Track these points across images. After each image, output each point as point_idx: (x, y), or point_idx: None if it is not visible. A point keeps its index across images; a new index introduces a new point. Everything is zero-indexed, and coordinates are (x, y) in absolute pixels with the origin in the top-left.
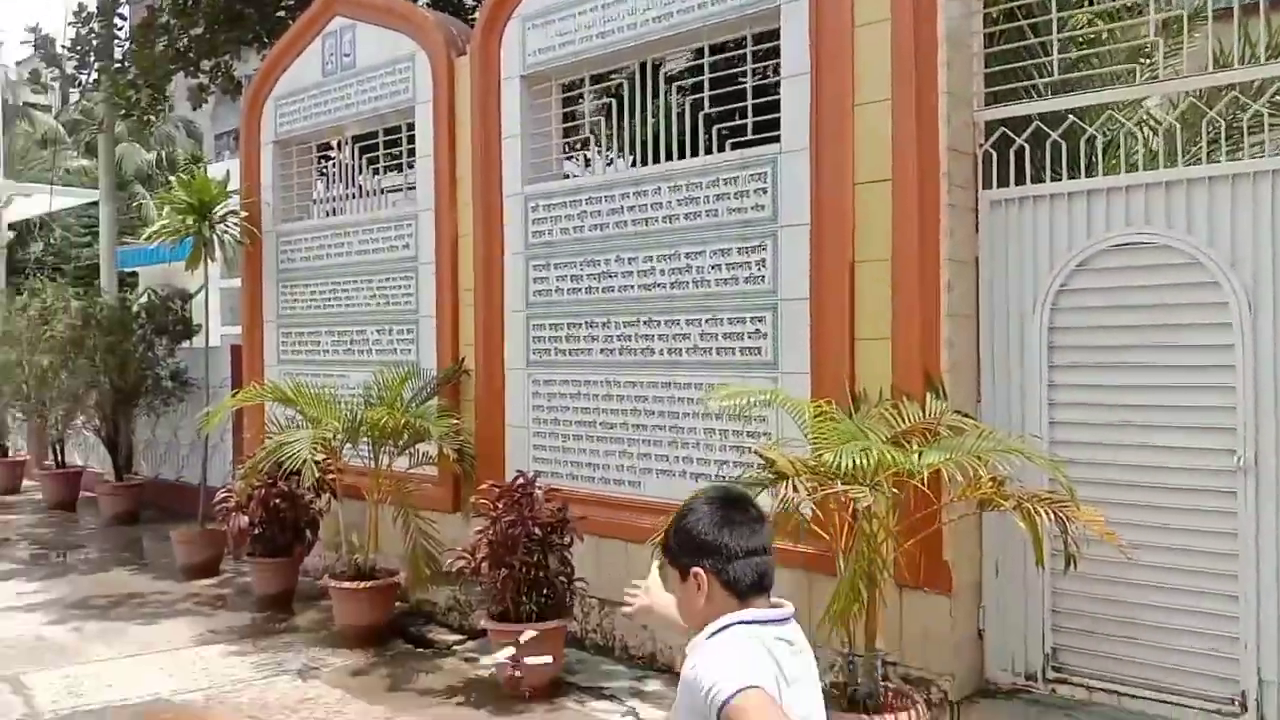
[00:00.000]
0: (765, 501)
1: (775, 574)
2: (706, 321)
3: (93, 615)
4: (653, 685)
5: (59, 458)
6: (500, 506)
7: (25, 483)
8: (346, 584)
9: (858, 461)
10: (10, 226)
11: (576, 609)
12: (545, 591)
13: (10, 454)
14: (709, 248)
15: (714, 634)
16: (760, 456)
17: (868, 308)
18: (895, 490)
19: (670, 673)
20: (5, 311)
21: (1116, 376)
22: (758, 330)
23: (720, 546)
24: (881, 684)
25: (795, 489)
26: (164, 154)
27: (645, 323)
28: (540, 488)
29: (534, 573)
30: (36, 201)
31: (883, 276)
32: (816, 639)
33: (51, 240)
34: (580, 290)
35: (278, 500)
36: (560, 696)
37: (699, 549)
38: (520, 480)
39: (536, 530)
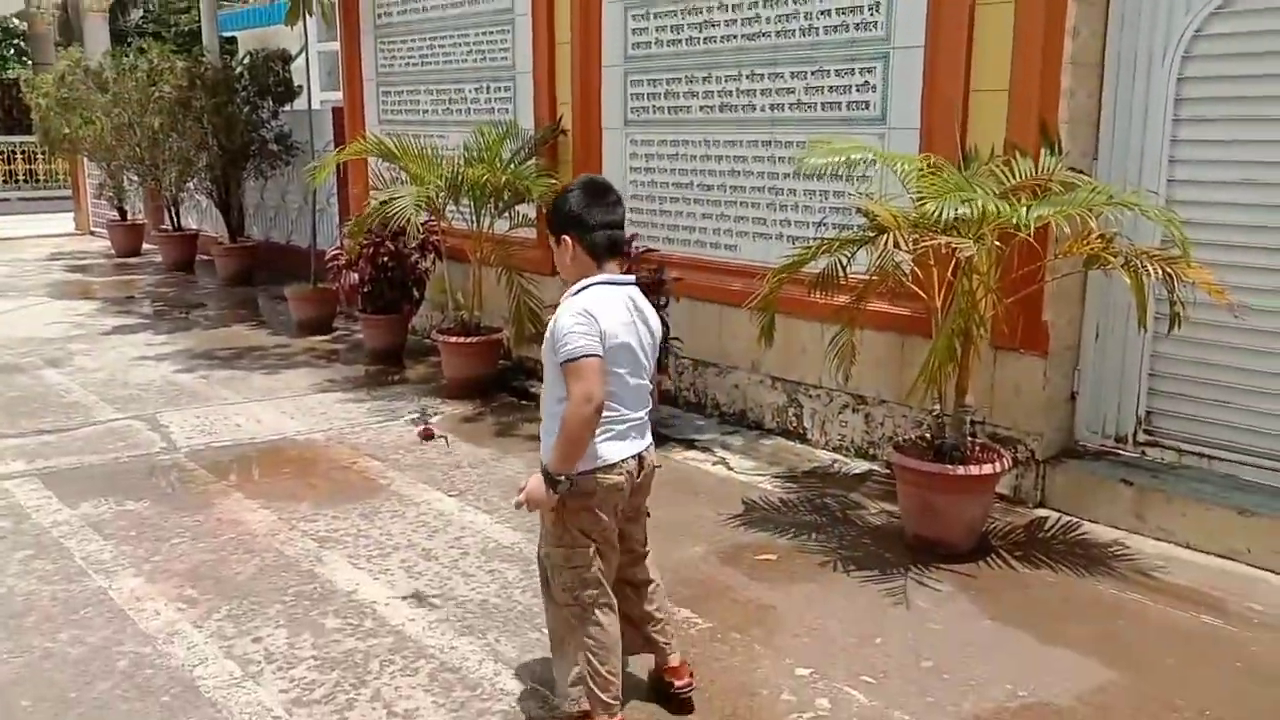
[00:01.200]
0: (863, 258)
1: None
2: (812, 74)
3: (217, 365)
4: (742, 440)
5: (174, 221)
6: None
7: (145, 245)
8: (454, 339)
9: (962, 212)
10: None
11: (671, 367)
12: None
13: (129, 217)
14: None
15: (579, 291)
16: (861, 211)
17: (987, 56)
18: (999, 245)
19: (759, 429)
20: (114, 74)
21: (1246, 131)
22: (866, 82)
23: (583, 219)
24: (969, 439)
25: (896, 243)
26: None
27: (747, 76)
28: (637, 249)
29: None
30: None
31: (1005, 20)
32: (907, 400)
33: (150, 6)
34: (680, 41)
35: (385, 259)
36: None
37: (568, 221)
38: None
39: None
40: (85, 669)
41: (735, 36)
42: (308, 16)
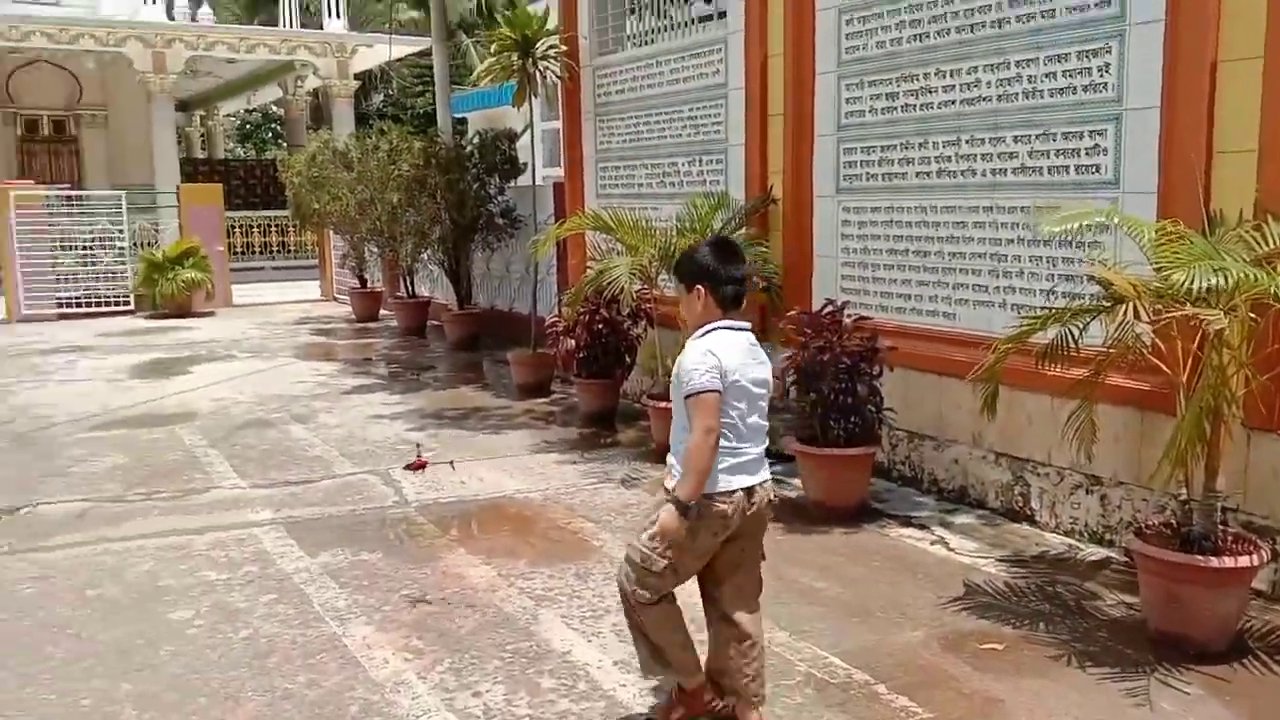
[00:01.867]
0: (1096, 329)
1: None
2: (1037, 138)
3: (445, 424)
4: (962, 518)
5: (409, 289)
6: (809, 333)
7: (382, 311)
8: (662, 404)
9: (1213, 282)
10: (355, 76)
11: (884, 439)
12: (853, 419)
13: (369, 285)
14: (1043, 54)
15: (705, 334)
16: (1096, 279)
17: (1230, 115)
18: (1253, 316)
19: (981, 507)
20: (358, 154)
21: None
22: (1096, 145)
23: (716, 273)
24: (1220, 528)
25: (1136, 313)
26: (483, 1)
27: (966, 141)
28: (849, 316)
29: (842, 399)
30: (377, 52)
31: (1251, 77)
32: (1149, 482)
33: (390, 91)
34: (895, 109)
35: (600, 325)
36: (865, 521)
37: (701, 273)
38: (829, 308)
39: (845, 359)
40: (320, 711)
41: (954, 102)
42: (533, 99)
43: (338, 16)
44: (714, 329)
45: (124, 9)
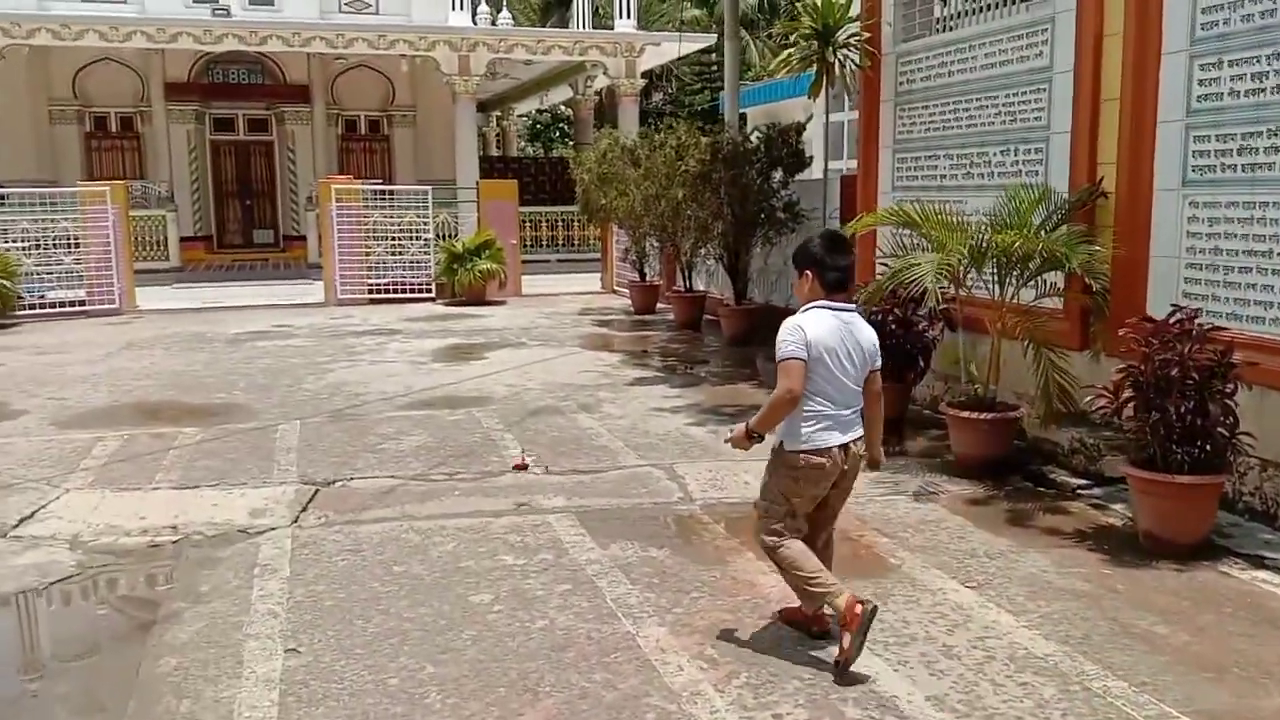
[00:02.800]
0: None
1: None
2: None
3: (724, 420)
4: None
5: (687, 283)
6: (1154, 344)
7: (659, 304)
8: (965, 413)
9: None
10: (642, 75)
11: (1232, 466)
12: (1200, 443)
13: (647, 278)
14: None
15: (807, 310)
16: None
17: None
18: None
19: None
20: (646, 151)
21: None
22: None
23: (824, 261)
24: None
25: None
26: None
27: None
28: (1200, 325)
29: (1190, 420)
30: (664, 50)
31: None
32: None
33: (669, 90)
34: (1265, 91)
35: (892, 325)
36: (1206, 559)
37: (812, 260)
38: (1178, 316)
39: (1194, 374)
40: (616, 716)
41: None
42: (828, 90)
43: (628, 16)
44: (812, 307)
45: (434, 16)
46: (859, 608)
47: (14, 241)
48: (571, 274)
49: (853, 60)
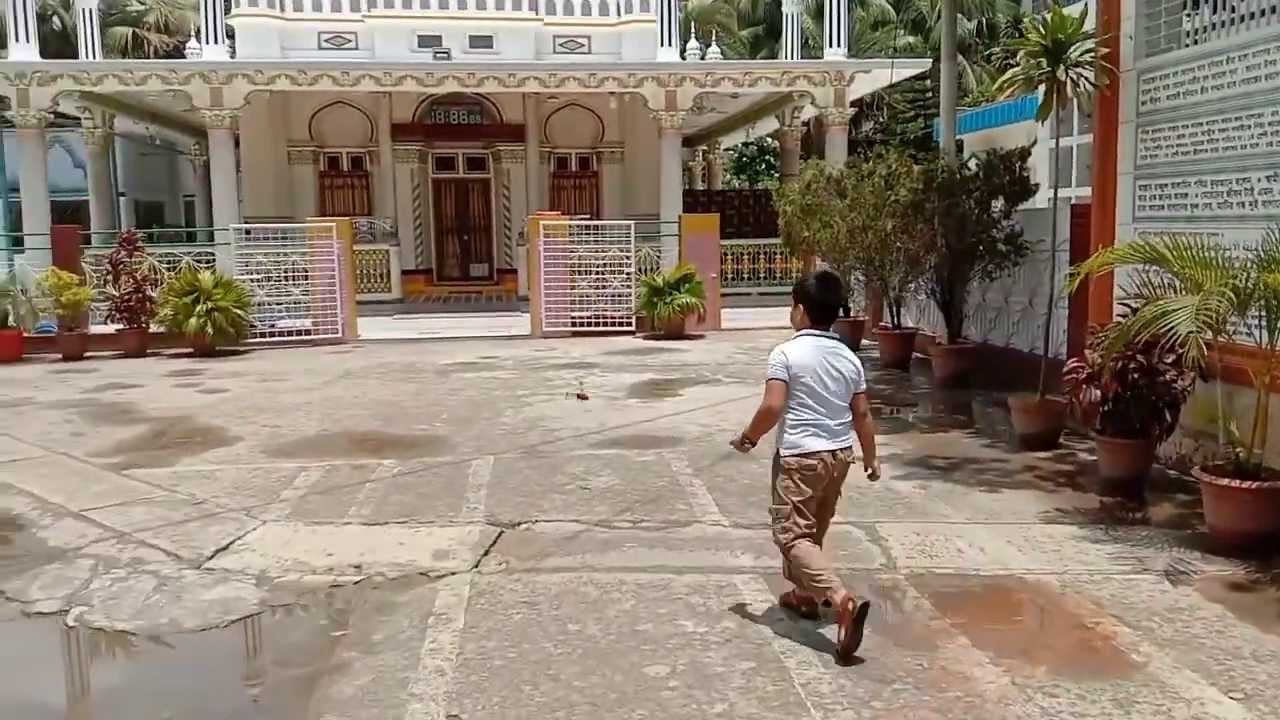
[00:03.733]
0: None
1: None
2: None
3: (934, 475)
4: None
5: (895, 319)
6: None
7: (864, 340)
8: (1225, 480)
9: None
10: (850, 104)
11: None
12: None
13: (852, 313)
14: None
15: (796, 338)
16: None
17: None
18: None
19: None
20: (853, 180)
21: None
22: None
23: (812, 296)
24: None
25: None
26: (983, 21)
27: None
28: None
29: None
30: (875, 77)
31: None
32: None
33: (880, 119)
34: None
35: (1135, 374)
36: None
37: (805, 296)
38: None
39: None
40: None
41: None
42: (1059, 110)
43: (838, 45)
44: (799, 336)
45: (644, 53)
46: (850, 604)
47: (250, 273)
48: (772, 307)
49: (1087, 79)
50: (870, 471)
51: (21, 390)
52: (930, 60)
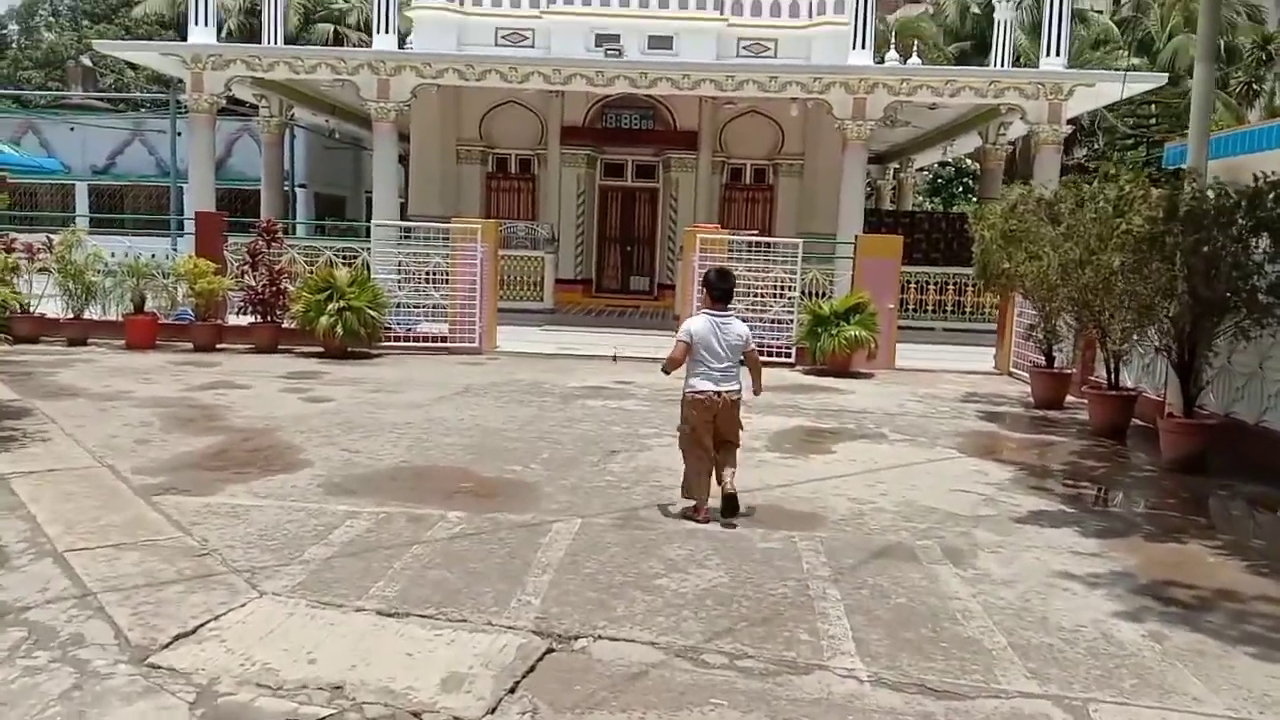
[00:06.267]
0: None
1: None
2: None
3: (1173, 617)
4: None
5: (1112, 377)
6: None
7: (1069, 398)
8: None
9: None
10: (1069, 121)
11: None
12: None
13: (1055, 365)
14: None
15: (698, 313)
16: None
17: None
18: None
19: None
20: (1071, 204)
21: None
22: None
23: (713, 285)
24: None
25: None
26: (1223, 44)
27: None
28: None
29: None
30: (1097, 92)
31: None
32: None
33: (1095, 145)
34: None
35: None
36: None
37: (707, 283)
38: None
39: None
40: None
41: None
42: None
43: (1057, 54)
44: (699, 313)
45: (834, 58)
46: (705, 514)
47: (394, 273)
48: (957, 346)
49: None
50: (756, 391)
51: (128, 382)
52: (1165, 77)
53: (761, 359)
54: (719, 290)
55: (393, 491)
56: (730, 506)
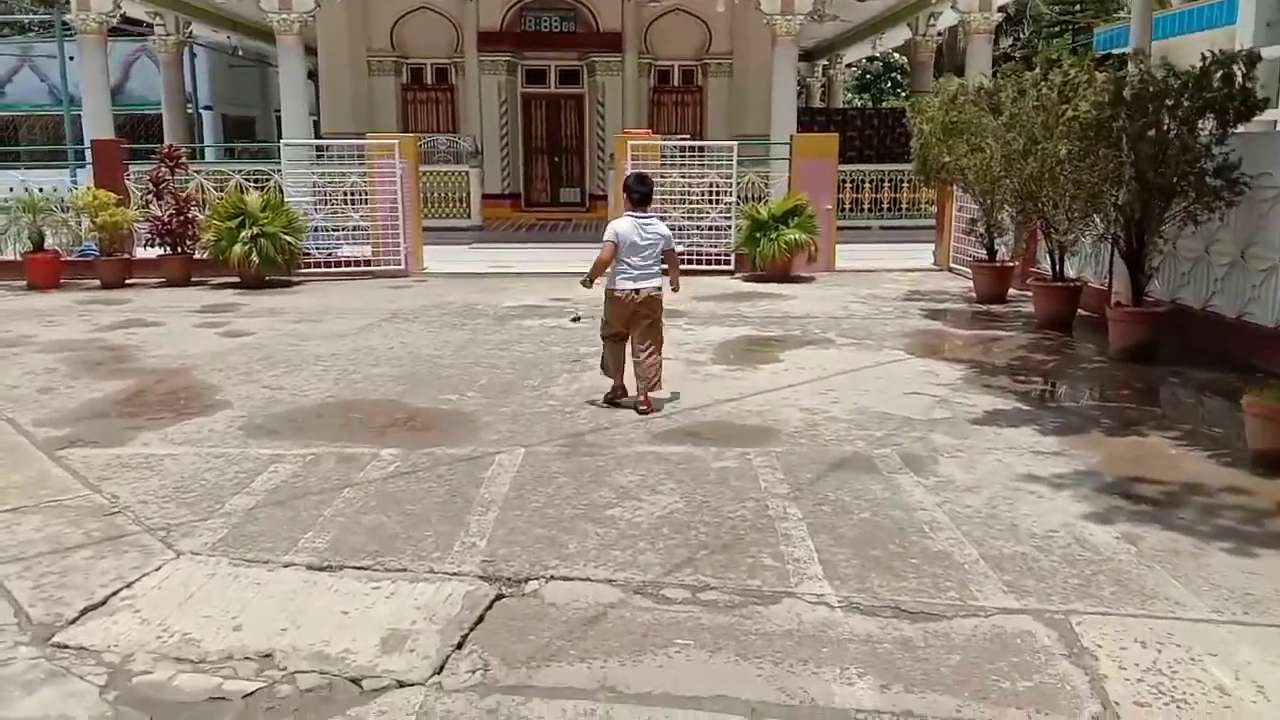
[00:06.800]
0: None
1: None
2: None
3: (1144, 515)
4: None
5: (1057, 268)
6: None
7: (1011, 291)
8: None
9: None
10: (999, 9)
11: None
12: None
13: (997, 258)
14: None
15: (622, 215)
16: None
17: None
18: None
19: None
20: (1013, 93)
21: None
22: None
23: (632, 189)
24: None
25: None
26: None
27: None
28: None
29: None
30: None
31: None
32: None
33: (1020, 34)
34: None
35: None
36: None
37: (627, 188)
38: None
39: None
40: None
41: None
42: None
43: None
44: (623, 215)
45: None
46: (624, 394)
47: (310, 195)
48: (896, 244)
49: None
50: (674, 288)
51: (30, 325)
52: None
53: (701, 267)
54: (638, 194)
55: (320, 430)
56: (641, 412)
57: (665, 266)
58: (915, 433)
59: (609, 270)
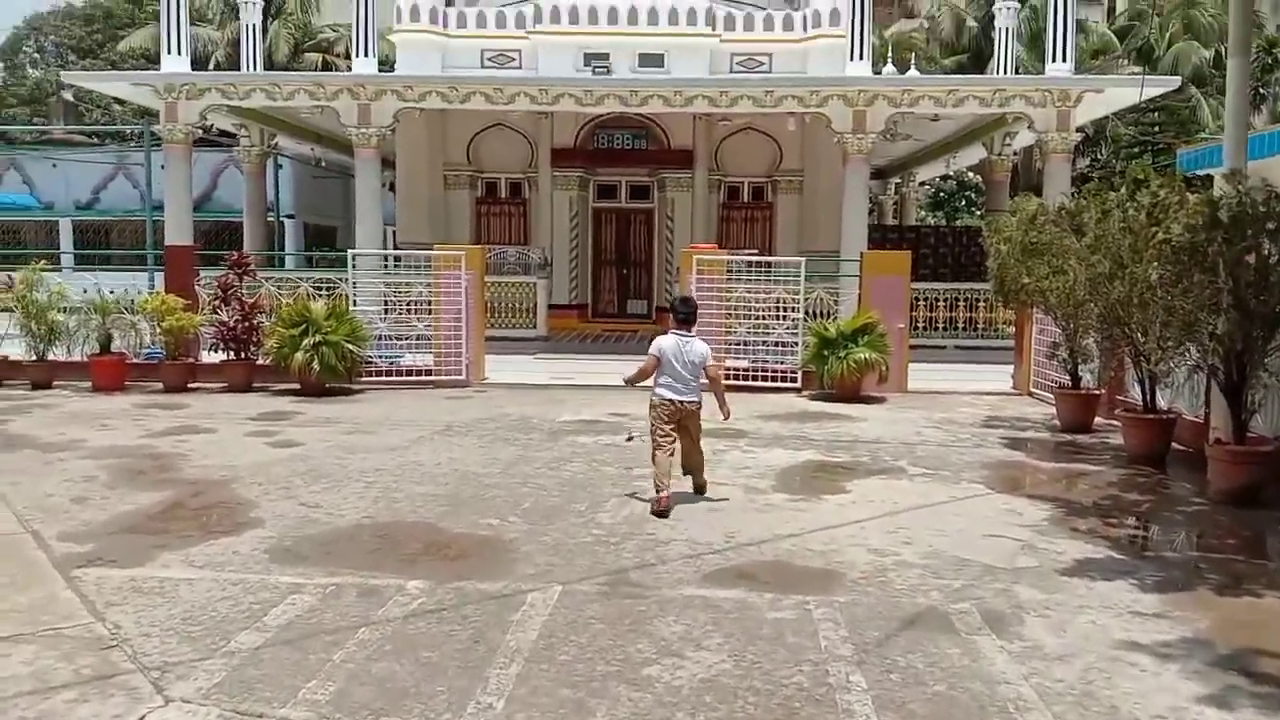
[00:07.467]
0: None
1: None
2: None
3: (1269, 700)
4: None
5: (1148, 398)
6: None
7: (1097, 419)
8: None
9: None
10: (1077, 130)
11: None
12: None
13: (1082, 385)
14: None
15: (666, 334)
16: None
17: None
18: None
19: None
20: (1097, 213)
21: None
22: None
23: (677, 310)
24: None
25: None
26: (1220, 49)
27: None
28: None
29: None
30: (1107, 99)
31: None
32: None
33: (1098, 155)
34: None
35: None
36: None
37: (672, 308)
38: None
39: None
40: None
41: None
42: None
43: (1062, 60)
44: (667, 334)
45: (830, 72)
46: (664, 503)
47: (376, 304)
48: (972, 365)
49: None
50: (724, 415)
51: (83, 429)
52: (1179, 80)
53: (765, 384)
54: (682, 314)
55: (348, 556)
56: (699, 491)
57: (705, 382)
58: (997, 584)
59: (649, 381)
